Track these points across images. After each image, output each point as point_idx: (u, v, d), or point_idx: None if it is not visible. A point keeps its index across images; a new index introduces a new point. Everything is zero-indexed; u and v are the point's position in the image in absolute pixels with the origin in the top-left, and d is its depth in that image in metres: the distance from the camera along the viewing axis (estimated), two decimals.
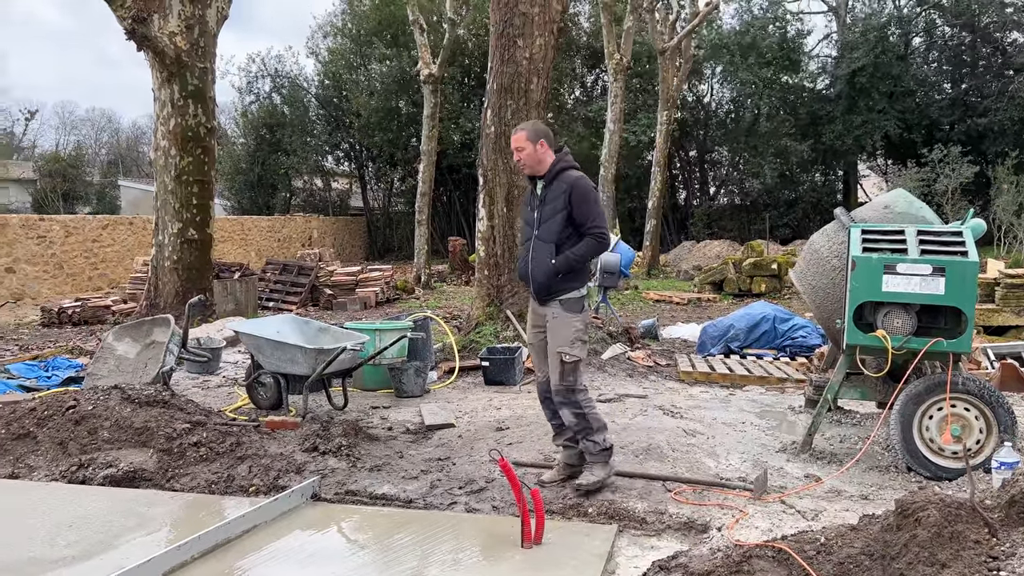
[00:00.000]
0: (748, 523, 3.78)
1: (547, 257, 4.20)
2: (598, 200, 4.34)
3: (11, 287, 17.88)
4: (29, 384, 7.34)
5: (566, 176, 4.23)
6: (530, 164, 4.29)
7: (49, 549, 3.64)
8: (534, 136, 4.26)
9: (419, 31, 18.69)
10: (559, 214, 4.19)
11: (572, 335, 4.22)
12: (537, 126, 4.38)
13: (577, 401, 4.23)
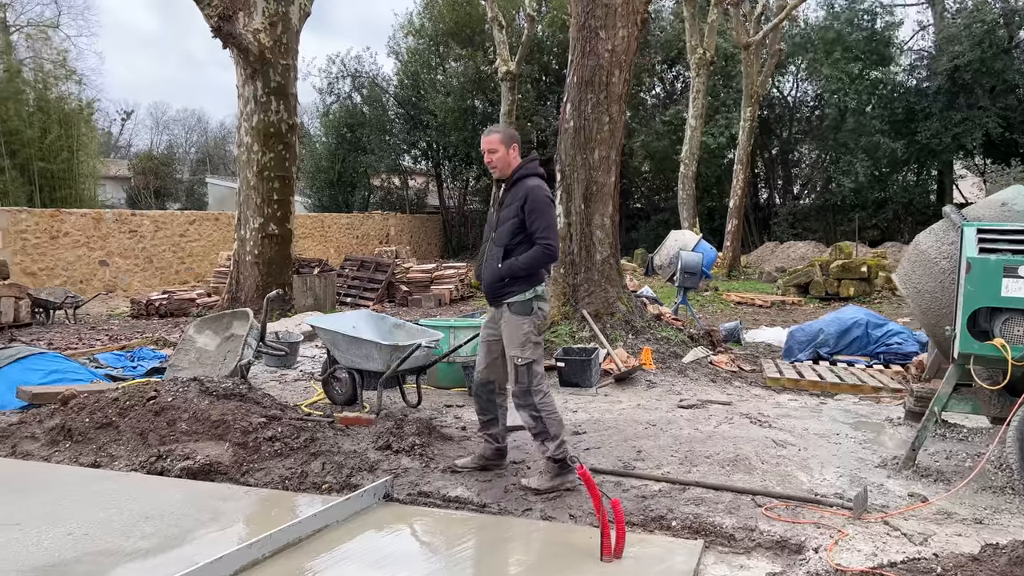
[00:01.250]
0: (848, 545, 3.48)
1: (495, 261, 4.28)
2: (551, 210, 4.31)
3: (104, 279, 18.64)
4: (115, 373, 7.52)
5: (524, 183, 4.29)
6: (500, 167, 4.36)
7: (125, 540, 3.64)
8: (508, 140, 4.35)
9: (497, 28, 18.62)
10: (512, 220, 4.26)
11: (521, 338, 4.26)
12: (510, 131, 4.46)
13: (534, 404, 4.24)
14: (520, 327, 4.27)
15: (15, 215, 17.20)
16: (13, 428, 5.36)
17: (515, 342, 4.27)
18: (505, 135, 4.37)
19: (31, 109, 24.56)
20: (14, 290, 12.33)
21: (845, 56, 26.06)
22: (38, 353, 6.83)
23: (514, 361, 4.26)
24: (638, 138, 28.35)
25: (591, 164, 8.19)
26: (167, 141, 46.97)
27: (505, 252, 4.26)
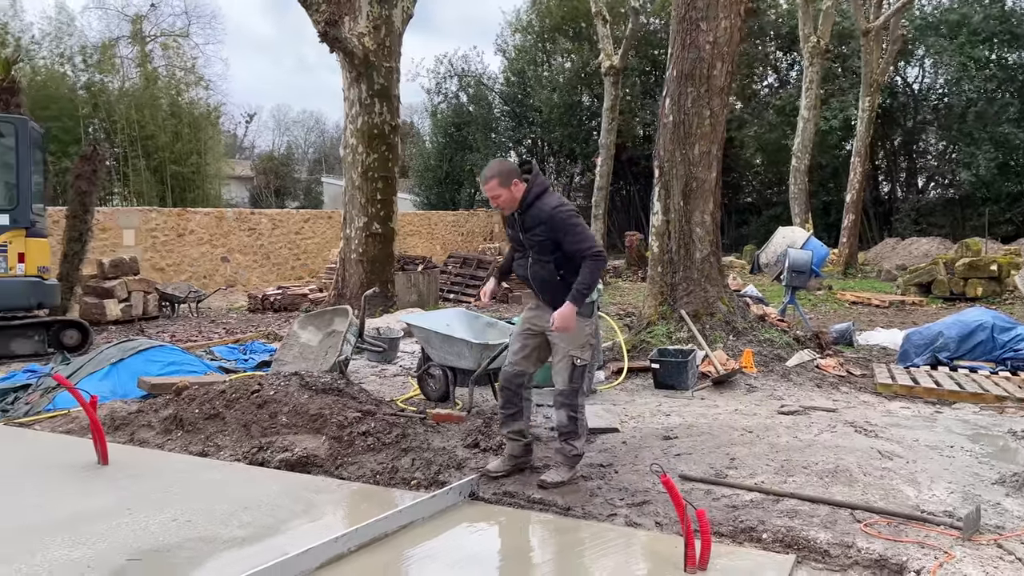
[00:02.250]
0: (955, 568, 3.24)
1: (549, 273, 4.33)
2: (577, 220, 4.29)
3: (225, 274, 19.69)
4: (228, 366, 7.92)
5: (541, 206, 4.28)
6: (509, 205, 4.36)
7: (223, 528, 3.81)
8: (507, 180, 4.29)
9: (601, 23, 18.45)
10: (542, 239, 4.29)
11: (583, 339, 4.33)
12: (503, 168, 4.36)
13: (575, 404, 4.33)
14: (583, 328, 4.32)
15: (146, 214, 18.43)
16: (132, 416, 5.73)
17: (576, 342, 4.30)
18: (502, 176, 4.30)
19: (165, 114, 26.20)
20: (143, 285, 13.21)
21: (972, 39, 24.30)
22: (158, 345, 7.28)
23: (573, 360, 4.29)
24: (750, 129, 27.45)
25: (691, 160, 7.97)
26: (287, 142, 49.19)
27: (555, 264, 4.31)
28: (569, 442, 4.35)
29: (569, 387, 4.31)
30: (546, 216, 4.25)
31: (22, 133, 8.86)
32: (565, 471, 4.35)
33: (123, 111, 24.83)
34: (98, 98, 25.29)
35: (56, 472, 4.71)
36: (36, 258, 8.90)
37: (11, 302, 8.72)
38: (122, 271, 12.96)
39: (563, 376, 4.33)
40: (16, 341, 8.82)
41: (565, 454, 4.37)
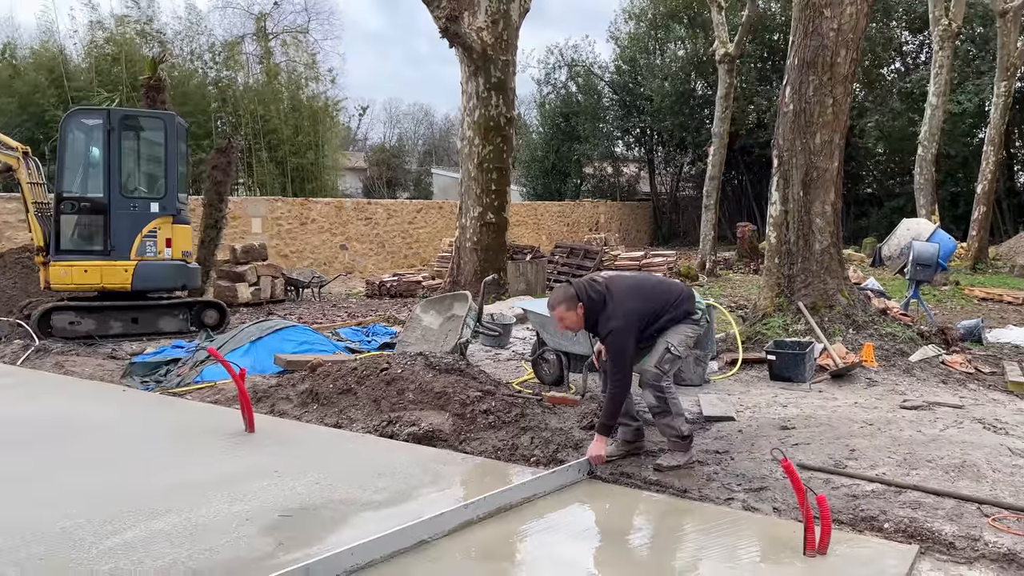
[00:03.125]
0: None
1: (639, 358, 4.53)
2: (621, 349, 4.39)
3: (344, 262, 20.58)
4: (353, 346, 8.38)
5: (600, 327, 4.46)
6: (574, 326, 4.55)
7: (361, 492, 4.13)
8: (573, 304, 4.44)
9: (717, 9, 18.10)
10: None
11: (683, 336, 4.53)
12: (567, 293, 4.48)
13: (661, 386, 4.46)
14: (687, 330, 4.56)
15: (272, 203, 19.48)
16: (272, 390, 6.21)
17: (677, 337, 4.49)
18: (567, 303, 4.45)
19: (287, 109, 27.52)
20: (271, 270, 14.04)
21: None
22: (292, 325, 7.80)
23: (669, 347, 4.46)
24: (871, 117, 26.27)
25: (811, 149, 7.82)
26: (398, 134, 50.53)
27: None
28: (664, 422, 4.46)
29: (656, 369, 4.45)
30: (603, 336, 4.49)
31: (170, 128, 9.61)
32: (680, 455, 4.46)
33: (248, 106, 26.25)
34: (225, 93, 26.81)
35: (209, 437, 5.18)
36: (181, 243, 9.65)
37: (160, 283, 9.51)
38: (252, 257, 13.81)
39: (654, 357, 4.48)
40: (163, 319, 9.62)
41: (668, 435, 4.48)
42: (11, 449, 4.87)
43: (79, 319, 9.20)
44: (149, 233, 9.30)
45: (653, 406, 4.48)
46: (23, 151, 9.94)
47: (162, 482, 4.24)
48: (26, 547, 3.36)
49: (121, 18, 26.45)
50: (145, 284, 9.33)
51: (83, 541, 3.43)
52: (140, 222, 9.30)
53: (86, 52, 26.11)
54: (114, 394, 6.53)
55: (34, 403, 6.17)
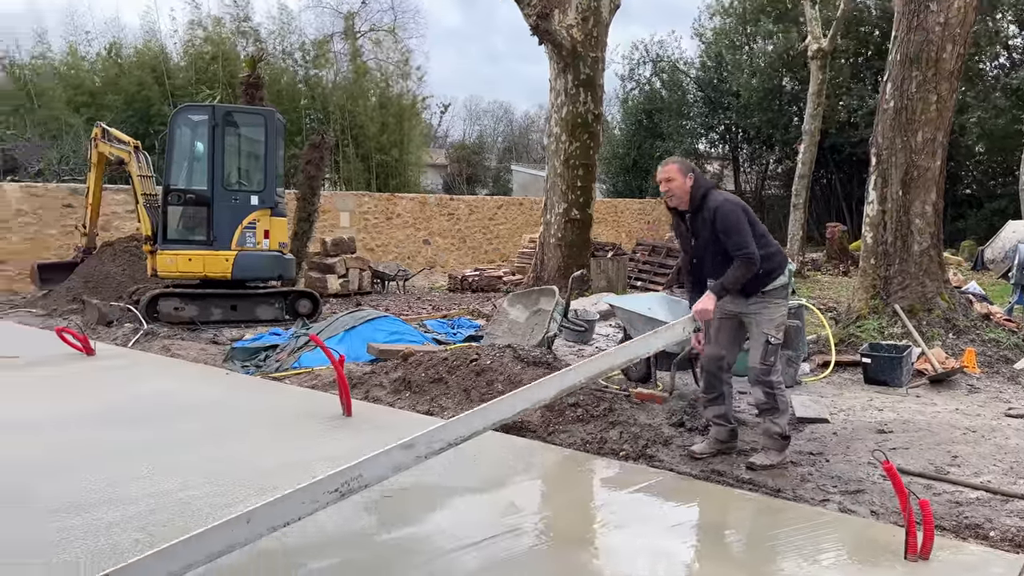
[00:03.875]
0: None
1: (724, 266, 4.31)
2: (740, 220, 4.34)
3: (426, 256, 20.97)
4: (440, 338, 8.56)
5: (709, 204, 4.39)
6: (678, 195, 4.45)
7: (456, 478, 4.26)
8: (685, 170, 4.44)
9: (810, 4, 17.62)
10: (715, 240, 4.38)
11: (779, 319, 4.45)
12: (685, 161, 4.54)
13: (771, 382, 4.41)
14: (779, 308, 4.46)
15: (360, 198, 20.01)
16: (366, 377, 6.43)
17: (772, 323, 4.42)
18: (682, 165, 4.48)
19: (373, 106, 28.16)
20: (359, 263, 14.45)
21: None
22: (383, 316, 8.04)
23: (768, 339, 4.39)
24: (972, 114, 25.08)
25: (912, 147, 7.57)
26: (478, 131, 51.00)
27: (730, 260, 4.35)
28: (771, 419, 4.43)
29: (762, 365, 4.42)
30: (712, 211, 4.37)
31: (270, 124, 10.02)
32: (774, 455, 4.42)
33: (336, 103, 26.98)
34: (315, 90, 27.63)
35: (310, 419, 5.41)
36: (278, 235, 10.06)
37: (258, 273, 9.94)
38: (341, 250, 14.25)
39: (757, 353, 4.44)
40: (260, 307, 10.04)
41: (770, 434, 4.45)
42: (129, 426, 5.20)
43: (183, 305, 9.71)
44: (249, 225, 9.73)
45: (762, 403, 4.45)
46: (134, 145, 10.54)
47: (268, 460, 4.46)
48: (150, 514, 3.61)
49: (218, 19, 27.59)
50: (244, 273, 9.77)
51: (200, 511, 3.66)
52: (240, 214, 9.74)
53: (184, 51, 27.34)
54: (218, 377, 6.88)
55: (146, 383, 6.56)
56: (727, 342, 4.65)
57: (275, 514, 2.77)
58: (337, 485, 2.91)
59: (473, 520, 3.63)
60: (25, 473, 4.16)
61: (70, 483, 4.00)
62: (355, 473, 2.95)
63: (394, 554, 3.25)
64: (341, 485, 2.91)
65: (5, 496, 3.82)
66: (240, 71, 23.13)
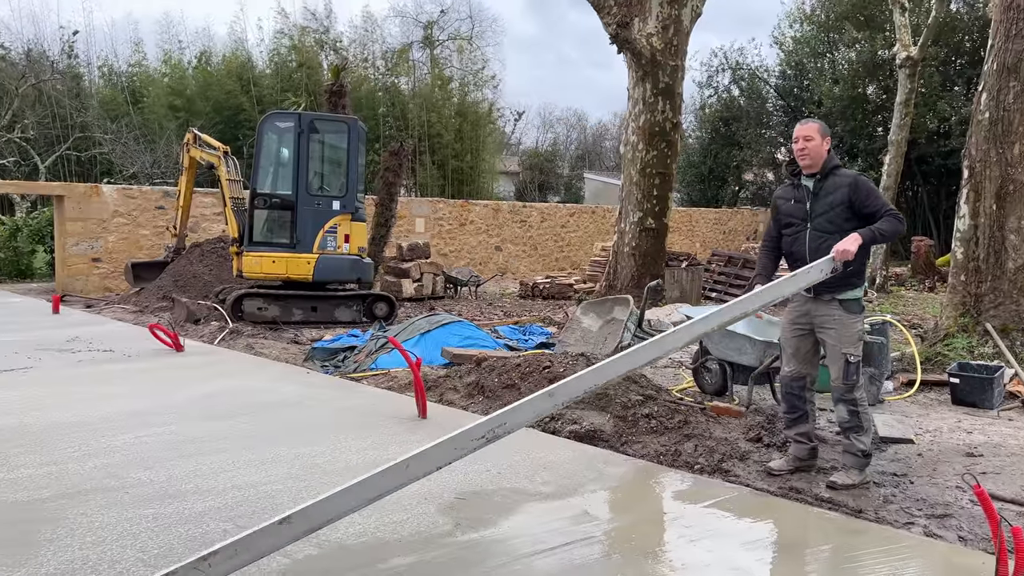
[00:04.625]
0: None
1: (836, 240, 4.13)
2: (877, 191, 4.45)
3: (498, 263, 21.13)
4: (512, 344, 8.64)
5: (844, 173, 4.43)
6: (813, 156, 4.40)
7: (528, 483, 4.29)
8: (824, 132, 4.44)
9: (899, 11, 17.06)
10: (839, 207, 4.34)
11: (856, 335, 4.38)
12: (825, 125, 4.51)
13: (855, 399, 4.34)
14: (854, 325, 4.37)
15: (435, 205, 20.33)
16: (440, 380, 6.54)
17: (850, 339, 4.34)
18: (822, 127, 4.46)
19: (450, 114, 28.60)
20: (433, 267, 14.68)
21: None
22: (457, 321, 8.16)
23: (847, 358, 4.31)
24: None
25: (1008, 160, 7.27)
26: (551, 138, 51.11)
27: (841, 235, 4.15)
28: (853, 437, 4.33)
29: (844, 383, 4.33)
30: (850, 179, 4.36)
31: (353, 131, 10.30)
32: (856, 474, 4.31)
33: (414, 110, 27.49)
34: (393, 98, 28.23)
35: (387, 420, 5.54)
36: (357, 239, 10.33)
37: (338, 276, 10.22)
38: (416, 255, 14.50)
39: (837, 372, 4.35)
40: (339, 309, 10.32)
41: (852, 452, 4.35)
42: (215, 420, 5.43)
43: (266, 305, 10.06)
44: (330, 229, 10.02)
45: (845, 420, 4.36)
46: (224, 150, 10.98)
47: (348, 458, 4.59)
48: (238, 506, 3.77)
49: (303, 28, 28.47)
50: (325, 276, 10.06)
51: (283, 505, 3.79)
52: (323, 218, 10.05)
53: (270, 59, 28.31)
54: (299, 375, 7.11)
55: (233, 379, 6.83)
56: (807, 359, 4.58)
57: (427, 460, 2.97)
58: (483, 432, 3.09)
59: (548, 526, 3.65)
60: (120, 462, 4.40)
61: (161, 472, 4.21)
62: (500, 421, 3.13)
63: (471, 555, 3.31)
64: (487, 432, 3.09)
65: (104, 484, 4.04)
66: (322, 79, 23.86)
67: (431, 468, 2.97)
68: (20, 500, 3.78)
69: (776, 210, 4.72)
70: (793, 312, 4.60)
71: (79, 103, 25.58)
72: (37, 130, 23.93)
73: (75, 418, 5.29)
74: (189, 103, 25.68)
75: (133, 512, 3.63)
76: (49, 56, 26.95)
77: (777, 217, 4.71)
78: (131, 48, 30.19)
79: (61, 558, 3.14)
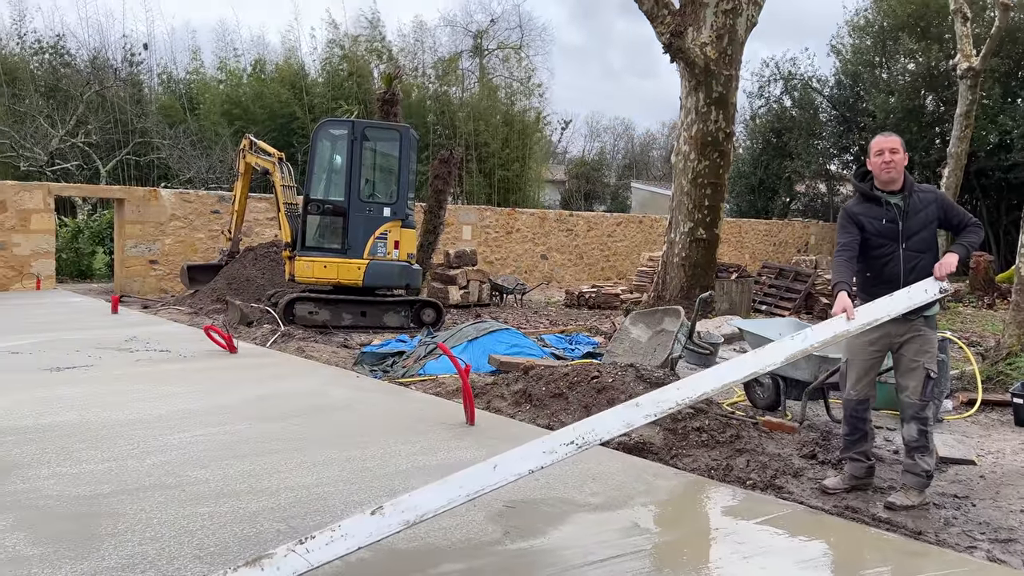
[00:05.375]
0: None
1: (929, 260, 4.21)
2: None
3: (543, 271, 21.12)
4: (558, 353, 8.61)
5: (927, 188, 4.40)
6: (899, 170, 4.29)
7: (577, 493, 4.27)
8: (905, 147, 4.36)
9: (961, 21, 16.66)
10: (930, 225, 4.28)
11: (934, 350, 4.32)
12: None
13: (926, 417, 4.26)
14: (934, 340, 4.36)
15: (481, 212, 20.42)
16: (488, 387, 6.55)
17: (932, 355, 4.30)
18: (903, 142, 4.39)
19: (498, 123, 28.73)
20: (479, 275, 14.74)
21: None
22: (504, 328, 8.17)
23: (928, 372, 4.25)
24: None
25: None
26: (598, 148, 51.03)
27: (931, 257, 4.24)
28: (918, 457, 4.22)
29: (921, 400, 4.22)
30: (937, 193, 4.33)
31: (405, 139, 10.42)
32: (915, 495, 4.20)
33: (462, 119, 27.68)
34: (443, 106, 28.47)
35: (436, 426, 5.56)
36: (407, 246, 10.43)
37: (387, 282, 10.33)
38: (463, 262, 14.58)
39: (915, 387, 4.23)
40: (388, 315, 10.43)
41: (915, 472, 4.24)
42: (268, 421, 5.52)
43: (317, 309, 10.21)
44: (380, 235, 10.15)
45: (914, 439, 4.24)
46: (279, 157, 11.20)
47: (398, 462, 4.62)
48: (291, 507, 3.82)
49: (355, 38, 28.92)
50: (374, 281, 10.18)
51: (335, 507, 3.83)
52: (373, 225, 10.17)
53: (322, 67, 28.79)
54: (349, 379, 7.19)
55: (284, 382, 6.94)
56: (873, 382, 4.50)
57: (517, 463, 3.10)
58: (573, 438, 3.21)
59: (597, 537, 3.62)
60: (177, 460, 4.49)
61: (217, 471, 4.29)
62: (588, 427, 3.25)
63: (520, 564, 3.30)
64: (577, 438, 3.20)
65: (162, 481, 4.14)
66: (373, 87, 24.19)
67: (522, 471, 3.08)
68: (82, 495, 3.88)
69: (859, 227, 4.38)
70: (869, 334, 4.34)
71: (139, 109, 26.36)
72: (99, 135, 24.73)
73: (133, 416, 5.42)
74: (243, 111, 26.27)
75: (190, 510, 3.71)
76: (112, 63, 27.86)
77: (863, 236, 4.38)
78: (189, 56, 30.94)
79: (122, 552, 3.22)
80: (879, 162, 4.27)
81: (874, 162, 4.31)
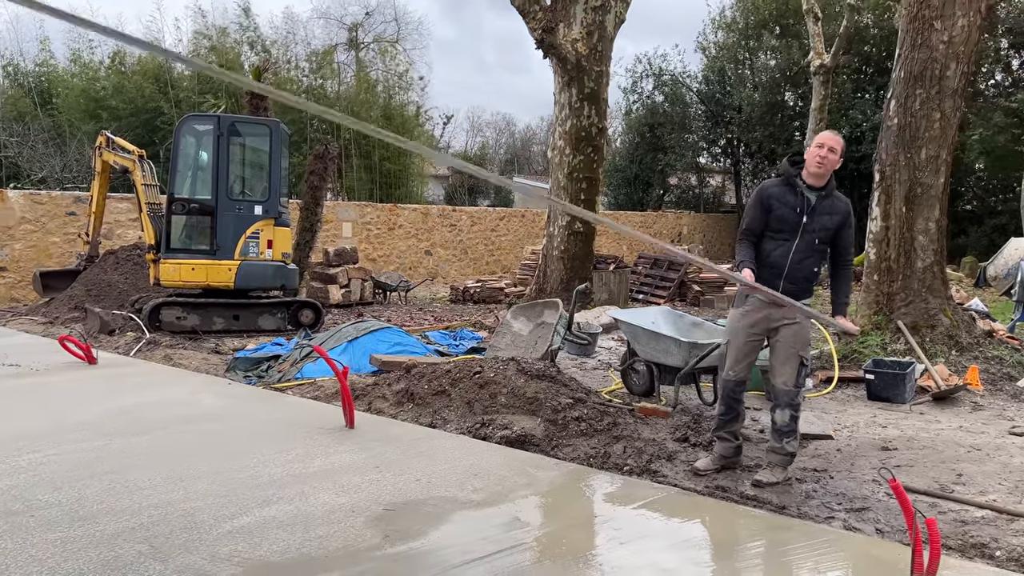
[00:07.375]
0: None
1: (809, 266, 4.45)
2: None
3: (428, 267, 20.98)
4: (442, 349, 8.56)
5: (842, 198, 4.54)
6: (828, 171, 4.39)
7: (459, 491, 4.24)
8: (843, 149, 4.45)
9: (812, 20, 17.72)
10: (828, 231, 4.45)
11: (809, 339, 4.53)
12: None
13: (798, 404, 4.46)
14: (809, 331, 4.55)
15: (362, 209, 20.04)
16: (369, 388, 6.42)
17: (805, 343, 4.48)
18: (843, 143, 4.47)
19: (377, 116, 28.26)
20: (361, 273, 14.46)
21: None
22: (386, 327, 8.03)
23: (802, 360, 4.44)
24: (974, 132, 25.18)
25: (916, 164, 7.60)
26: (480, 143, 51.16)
27: (818, 257, 4.47)
28: (787, 441, 4.43)
29: (796, 387, 4.42)
30: (846, 209, 4.49)
31: (275, 134, 10.05)
32: (780, 472, 4.42)
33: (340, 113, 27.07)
34: (319, 101, 27.74)
35: (313, 431, 5.39)
36: (281, 245, 10.07)
37: (261, 283, 9.94)
38: (344, 260, 14.26)
39: (791, 376, 4.41)
40: (263, 317, 10.04)
41: (781, 454, 4.44)
42: (130, 436, 5.19)
43: (185, 314, 9.71)
44: (252, 234, 9.75)
45: (786, 425, 4.41)
46: (138, 154, 10.56)
47: (272, 472, 4.45)
48: (154, 526, 3.59)
49: (223, 28, 27.72)
50: (247, 283, 9.77)
51: (203, 523, 3.64)
52: (244, 224, 9.76)
53: None
54: (220, 387, 6.87)
55: (149, 392, 6.55)
56: (751, 365, 4.68)
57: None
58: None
59: (479, 534, 3.61)
60: (26, 483, 4.15)
61: (71, 493, 3.99)
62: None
63: (400, 568, 3.24)
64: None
65: (7, 507, 3.80)
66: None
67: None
68: None
69: (767, 209, 4.47)
70: (750, 317, 4.54)
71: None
72: None
73: None
74: (103, 106, 24.65)
75: (39, 537, 3.43)
76: None
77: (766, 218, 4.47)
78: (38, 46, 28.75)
79: None
80: (816, 154, 4.35)
81: (812, 152, 4.39)
